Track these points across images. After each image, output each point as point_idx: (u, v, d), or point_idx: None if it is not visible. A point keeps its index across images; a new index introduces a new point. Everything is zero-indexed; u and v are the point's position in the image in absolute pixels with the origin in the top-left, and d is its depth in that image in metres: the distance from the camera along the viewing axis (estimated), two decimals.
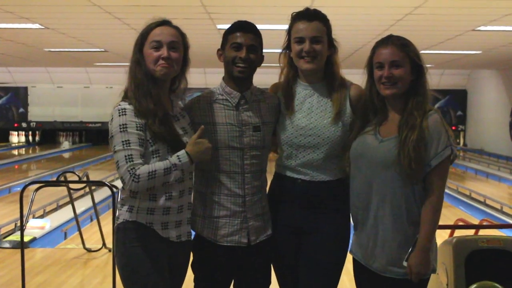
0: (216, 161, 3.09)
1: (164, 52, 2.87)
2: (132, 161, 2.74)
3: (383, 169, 2.87)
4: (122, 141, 2.77)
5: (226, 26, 3.16)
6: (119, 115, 2.80)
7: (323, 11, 3.19)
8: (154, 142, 2.82)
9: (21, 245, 5.42)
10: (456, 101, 22.43)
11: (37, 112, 23.06)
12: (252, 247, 3.14)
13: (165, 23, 2.94)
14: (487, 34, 10.67)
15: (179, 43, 2.94)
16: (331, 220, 3.15)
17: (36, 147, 22.69)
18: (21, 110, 23.32)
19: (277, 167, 3.30)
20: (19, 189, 7.06)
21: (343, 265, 3.21)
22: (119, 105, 2.85)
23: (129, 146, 2.76)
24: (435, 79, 20.30)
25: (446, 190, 5.24)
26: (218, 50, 3.18)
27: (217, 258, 3.15)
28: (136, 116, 2.80)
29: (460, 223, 4.50)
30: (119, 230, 2.93)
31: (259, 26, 3.15)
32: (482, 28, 9.91)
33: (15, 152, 21.56)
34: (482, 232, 4.60)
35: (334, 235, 3.16)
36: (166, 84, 2.98)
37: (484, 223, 4.42)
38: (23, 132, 23.48)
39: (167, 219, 2.91)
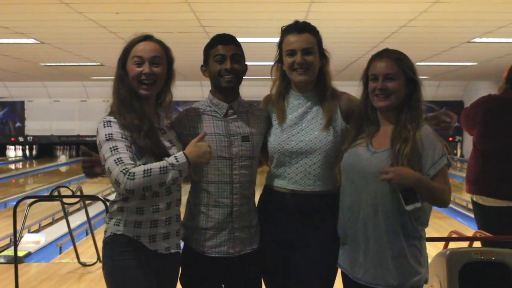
0: (205, 172, 3.10)
1: (145, 68, 2.88)
2: (123, 162, 2.70)
3: (375, 180, 2.86)
4: (110, 148, 2.74)
5: None
6: (105, 127, 2.80)
7: (318, 24, 3.21)
8: (141, 156, 2.81)
9: (15, 260, 5.42)
10: (454, 112, 22.35)
11: (34, 126, 23.01)
12: (239, 258, 3.13)
13: (147, 38, 2.95)
14: (482, 46, 10.71)
15: (162, 58, 2.95)
16: (321, 233, 3.14)
17: (33, 161, 22.65)
18: (18, 124, 23.29)
19: (267, 179, 3.30)
20: (15, 203, 7.04)
21: (334, 279, 3.20)
22: (104, 118, 2.85)
23: (117, 151, 2.73)
24: (432, 91, 20.32)
25: None
26: (202, 66, 3.20)
27: (205, 270, 3.15)
28: (121, 128, 2.80)
29: (454, 235, 4.47)
30: (106, 244, 2.92)
31: (253, 40, 3.18)
32: (477, 40, 9.95)
33: (12, 166, 21.52)
34: (477, 244, 4.58)
35: (324, 248, 3.15)
36: (151, 98, 2.98)
37: (478, 235, 4.40)
38: (20, 146, 23.43)
39: (154, 231, 2.90)
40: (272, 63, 3.30)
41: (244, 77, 3.19)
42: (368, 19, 8.21)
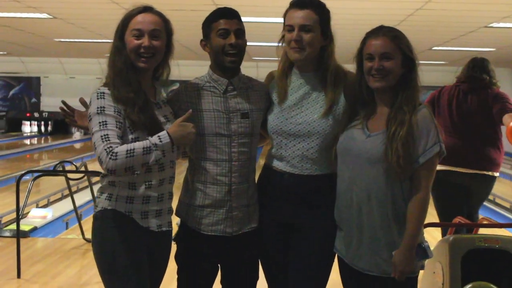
0: (203, 149, 3.03)
1: (145, 41, 2.80)
2: (109, 140, 2.64)
3: (370, 164, 2.79)
4: (99, 122, 2.68)
5: None
6: (98, 98, 2.74)
7: (331, 4, 3.08)
8: (134, 130, 2.75)
9: (17, 234, 5.43)
10: None
11: (49, 102, 23.06)
12: (236, 238, 3.08)
13: (146, 9, 2.86)
14: (500, 31, 10.54)
15: (161, 31, 2.87)
16: (320, 215, 3.07)
17: (48, 137, 22.73)
18: (34, 100, 23.40)
19: (266, 157, 3.22)
20: (27, 177, 7.06)
21: (332, 261, 3.14)
22: (99, 89, 2.78)
23: (106, 126, 2.67)
24: (450, 77, 20.06)
25: None
26: (202, 41, 3.11)
27: (201, 248, 3.09)
28: (114, 102, 2.74)
29: (459, 221, 4.39)
30: (97, 219, 2.88)
31: (266, 19, 3.07)
32: (494, 24, 9.78)
33: (27, 141, 21.62)
34: (484, 231, 4.51)
35: (323, 231, 3.08)
36: (148, 71, 2.91)
37: (484, 222, 4.32)
38: (35, 122, 23.54)
39: (147, 208, 2.84)
40: None
41: (259, 58, 3.10)
42: (383, 0, 8.08)
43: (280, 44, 3.16)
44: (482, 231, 4.49)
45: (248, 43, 3.17)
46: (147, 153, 2.66)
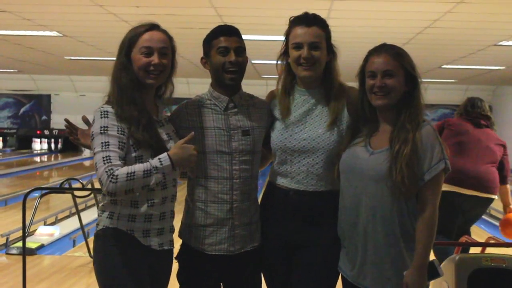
0: (204, 167, 3.02)
1: (155, 59, 2.80)
2: (110, 161, 2.64)
3: (374, 182, 2.76)
4: (101, 143, 2.68)
5: (243, 37, 3.07)
6: (101, 117, 2.72)
7: (340, 22, 3.10)
8: (138, 148, 2.74)
9: (23, 252, 5.41)
10: None
11: (59, 119, 23.16)
12: (238, 256, 3.05)
13: (154, 27, 2.86)
14: (509, 49, 10.56)
15: (169, 49, 2.88)
16: (324, 233, 3.04)
17: (58, 154, 22.81)
18: (44, 117, 23.56)
19: (270, 175, 3.21)
20: (36, 195, 7.06)
21: (337, 280, 3.11)
22: (102, 107, 2.77)
23: (108, 147, 2.67)
24: (460, 95, 20.05)
25: None
26: (202, 58, 3.11)
27: (205, 268, 3.07)
28: (118, 121, 2.73)
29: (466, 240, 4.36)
30: (98, 237, 2.85)
31: (276, 38, 3.08)
32: (504, 43, 9.79)
33: (37, 159, 21.71)
34: (491, 250, 4.47)
35: (326, 249, 3.05)
36: (151, 89, 2.91)
37: (491, 241, 4.28)
38: (46, 140, 23.66)
39: (148, 226, 2.82)
40: None
41: (268, 76, 3.10)
42: (391, 18, 8.10)
43: (279, 62, 3.16)
44: (489, 250, 4.45)
45: (257, 61, 3.18)
46: (147, 176, 2.66)
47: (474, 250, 4.67)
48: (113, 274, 2.77)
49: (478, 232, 9.10)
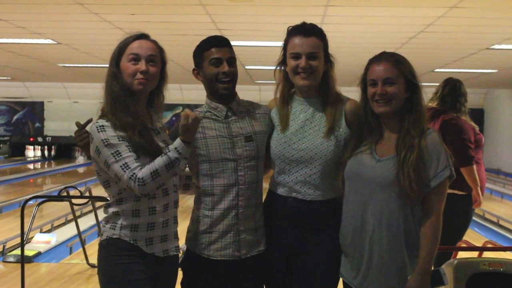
0: (210, 175, 3.06)
1: (142, 65, 2.83)
2: (129, 167, 2.69)
3: (381, 189, 2.80)
4: (112, 154, 2.71)
5: (237, 43, 3.10)
6: (99, 132, 2.75)
7: (334, 28, 3.14)
8: (137, 155, 2.76)
9: (22, 260, 5.41)
10: (473, 121, 22.18)
11: (53, 126, 23.19)
12: (244, 261, 3.08)
13: (143, 36, 2.90)
14: (501, 53, 10.59)
15: (157, 57, 2.90)
16: (324, 240, 3.08)
17: (52, 161, 22.76)
18: (37, 124, 23.51)
19: (270, 183, 3.24)
20: (32, 202, 7.06)
21: (336, 287, 3.13)
22: (97, 122, 2.80)
23: (121, 155, 2.71)
24: None
25: None
26: (194, 69, 3.15)
27: (209, 274, 3.09)
28: (115, 130, 2.75)
29: (463, 245, 4.39)
30: (102, 247, 2.88)
31: (269, 43, 3.11)
32: (496, 46, 9.83)
33: (31, 166, 21.65)
34: (488, 254, 4.49)
35: (326, 256, 3.08)
36: (143, 98, 2.94)
37: (488, 245, 4.31)
38: (39, 147, 23.60)
39: (151, 234, 2.85)
40: None
41: (261, 81, 3.13)
42: (384, 23, 8.13)
43: (278, 68, 3.20)
44: (486, 254, 4.48)
45: (250, 67, 3.22)
46: (171, 168, 2.73)
47: (471, 254, 4.70)
48: (117, 283, 2.79)
49: (474, 237, 9.16)
